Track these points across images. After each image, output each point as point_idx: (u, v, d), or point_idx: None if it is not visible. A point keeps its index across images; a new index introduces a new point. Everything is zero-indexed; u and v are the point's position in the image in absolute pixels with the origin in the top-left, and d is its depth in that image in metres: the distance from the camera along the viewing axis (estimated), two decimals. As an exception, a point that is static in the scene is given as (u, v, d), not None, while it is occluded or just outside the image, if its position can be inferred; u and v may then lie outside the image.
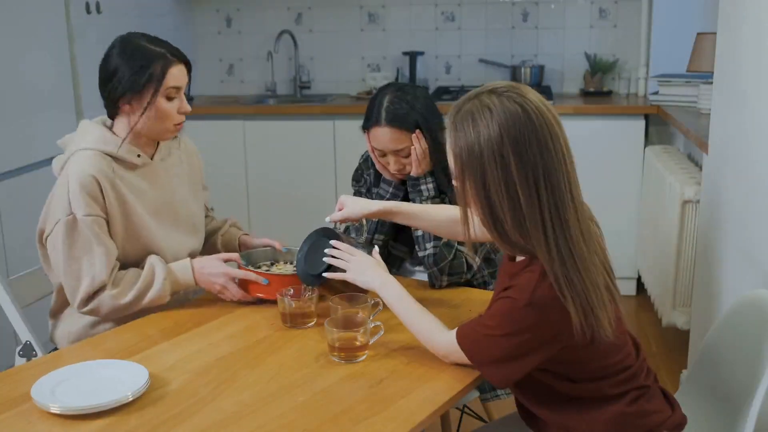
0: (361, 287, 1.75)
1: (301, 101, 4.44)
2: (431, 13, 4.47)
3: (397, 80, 4.37)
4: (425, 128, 2.09)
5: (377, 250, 1.83)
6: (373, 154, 2.17)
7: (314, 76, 4.62)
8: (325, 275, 1.78)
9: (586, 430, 1.54)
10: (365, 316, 1.70)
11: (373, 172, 2.26)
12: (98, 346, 1.77)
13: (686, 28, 3.85)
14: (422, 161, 2.10)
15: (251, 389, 1.52)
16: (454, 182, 1.50)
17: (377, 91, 2.17)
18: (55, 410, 1.42)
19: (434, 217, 1.88)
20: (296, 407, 1.46)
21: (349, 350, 1.63)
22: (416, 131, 2.08)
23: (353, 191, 2.30)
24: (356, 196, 2.25)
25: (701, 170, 2.97)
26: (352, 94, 4.50)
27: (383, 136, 2.09)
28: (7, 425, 1.41)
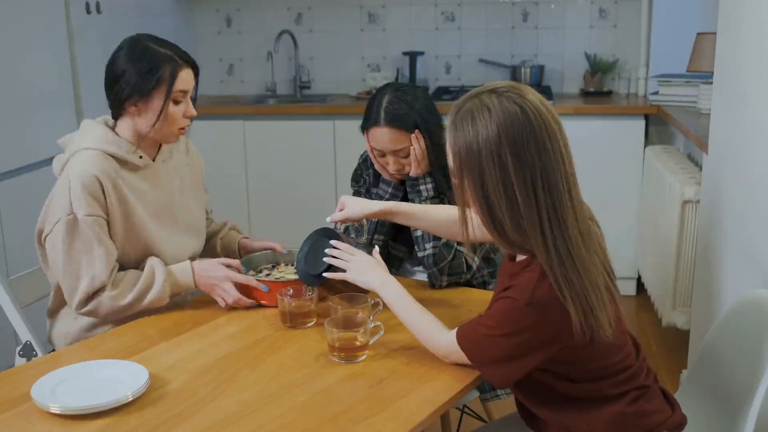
0: (361, 287, 1.76)
1: (301, 101, 4.44)
2: (431, 13, 4.47)
3: (397, 80, 4.37)
4: (424, 128, 2.08)
5: (377, 250, 1.83)
6: (372, 154, 2.17)
7: (314, 76, 4.62)
8: (325, 275, 1.78)
9: (586, 430, 1.54)
10: (365, 316, 1.70)
11: (372, 172, 2.26)
12: (98, 346, 1.77)
13: (686, 28, 3.84)
14: (421, 161, 2.10)
15: (251, 389, 1.52)
16: (453, 181, 1.50)
17: (376, 91, 2.17)
18: (55, 410, 1.42)
19: (434, 217, 1.88)
20: (296, 407, 1.46)
21: (349, 350, 1.63)
22: (415, 131, 2.08)
23: (352, 191, 2.30)
24: (356, 196, 2.25)
25: (701, 170, 2.97)
26: (352, 94, 4.50)
27: (382, 136, 2.09)
28: (7, 425, 1.41)
